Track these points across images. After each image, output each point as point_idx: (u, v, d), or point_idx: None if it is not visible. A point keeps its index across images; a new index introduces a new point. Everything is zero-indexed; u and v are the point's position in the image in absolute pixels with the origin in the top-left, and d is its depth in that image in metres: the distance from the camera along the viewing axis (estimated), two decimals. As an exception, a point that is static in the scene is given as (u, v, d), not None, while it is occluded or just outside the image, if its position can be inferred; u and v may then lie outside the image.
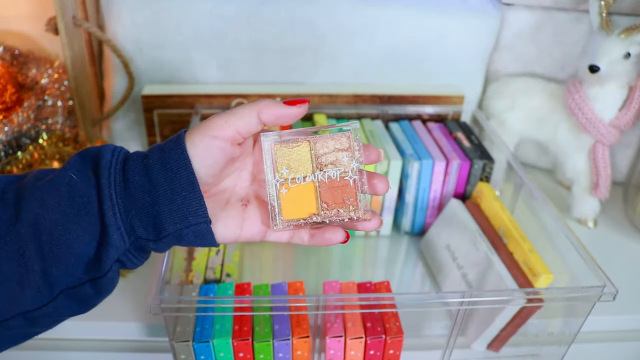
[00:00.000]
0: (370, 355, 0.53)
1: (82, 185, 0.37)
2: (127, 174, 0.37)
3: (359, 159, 0.41)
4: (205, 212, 0.38)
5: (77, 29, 0.74)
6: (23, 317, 0.37)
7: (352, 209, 0.40)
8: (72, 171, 0.37)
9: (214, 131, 0.38)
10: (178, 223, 0.37)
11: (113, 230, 0.36)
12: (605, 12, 0.67)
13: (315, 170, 0.41)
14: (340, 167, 0.41)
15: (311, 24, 0.78)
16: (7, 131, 0.70)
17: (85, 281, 0.37)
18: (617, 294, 0.51)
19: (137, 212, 0.37)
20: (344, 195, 0.41)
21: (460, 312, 0.53)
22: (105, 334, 0.61)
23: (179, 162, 0.37)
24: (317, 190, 0.41)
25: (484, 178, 0.71)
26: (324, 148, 0.41)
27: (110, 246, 0.36)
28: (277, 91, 0.79)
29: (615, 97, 0.72)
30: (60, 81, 0.77)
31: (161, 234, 0.37)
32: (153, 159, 0.38)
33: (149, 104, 0.78)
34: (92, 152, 0.39)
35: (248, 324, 0.52)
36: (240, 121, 0.38)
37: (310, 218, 0.41)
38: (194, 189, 0.37)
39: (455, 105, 0.81)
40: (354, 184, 0.40)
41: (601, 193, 0.76)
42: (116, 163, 0.38)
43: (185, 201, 0.37)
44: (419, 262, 0.71)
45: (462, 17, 0.80)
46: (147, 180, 0.37)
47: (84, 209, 0.36)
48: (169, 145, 0.38)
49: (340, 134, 0.41)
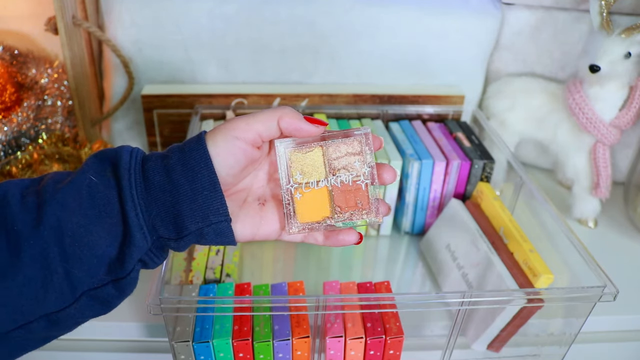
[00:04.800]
0: (370, 355, 0.53)
1: (102, 187, 0.37)
2: (147, 175, 0.38)
3: (370, 163, 0.42)
4: (226, 210, 0.39)
5: (76, 28, 0.74)
6: (46, 319, 0.37)
7: (365, 212, 0.42)
8: (91, 173, 0.38)
9: (236, 132, 0.39)
10: (200, 222, 0.38)
11: (136, 231, 0.37)
12: (605, 11, 0.67)
13: (328, 175, 0.42)
14: (353, 172, 0.42)
15: (311, 24, 0.78)
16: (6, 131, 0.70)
17: (108, 282, 0.38)
18: (617, 294, 0.51)
19: (158, 212, 0.38)
20: (356, 199, 0.42)
21: (461, 312, 0.53)
22: (105, 334, 0.61)
23: (201, 161, 0.38)
24: (331, 194, 0.42)
25: (484, 178, 0.71)
26: (336, 152, 0.42)
27: (134, 246, 0.37)
28: (277, 91, 0.79)
29: (615, 97, 0.72)
30: (60, 81, 0.77)
31: (182, 232, 0.38)
32: (174, 160, 0.38)
33: (149, 103, 0.77)
34: (109, 153, 0.39)
35: (248, 324, 0.52)
36: (261, 125, 0.39)
37: (324, 221, 0.42)
38: (215, 188, 0.38)
39: (455, 105, 0.81)
40: (366, 188, 0.42)
41: (601, 193, 0.76)
42: (135, 164, 0.38)
43: (206, 200, 0.38)
44: (419, 262, 0.71)
45: (462, 17, 0.80)
46: (168, 181, 0.38)
47: (105, 211, 0.37)
48: (189, 145, 0.39)
49: (352, 139, 0.42)
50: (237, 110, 0.77)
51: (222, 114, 0.77)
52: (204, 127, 0.75)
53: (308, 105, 0.79)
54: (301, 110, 0.78)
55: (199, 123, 0.75)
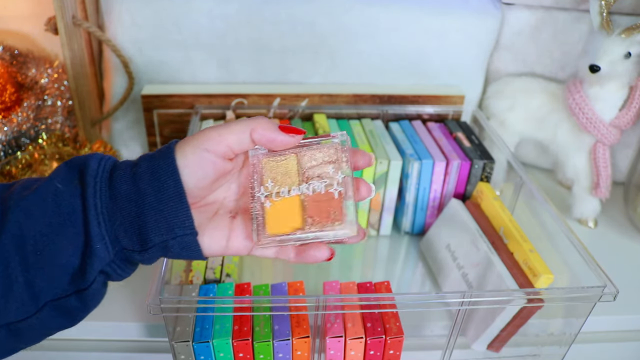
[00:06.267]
0: (370, 355, 0.53)
1: (67, 195, 0.36)
2: (113, 183, 0.37)
3: (345, 170, 0.39)
4: (192, 223, 0.37)
5: (76, 28, 0.74)
6: (6, 330, 0.36)
7: (338, 224, 0.39)
8: (58, 180, 0.37)
9: (206, 144, 0.37)
10: (164, 234, 0.37)
11: (97, 241, 0.36)
12: (605, 11, 0.67)
13: (301, 183, 0.40)
14: (326, 180, 0.39)
15: (311, 24, 0.78)
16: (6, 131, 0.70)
17: (71, 293, 0.37)
18: (617, 294, 0.51)
19: (122, 222, 0.36)
20: (329, 209, 0.39)
21: (461, 312, 0.53)
22: (105, 334, 0.61)
23: (168, 171, 0.37)
24: (303, 204, 0.39)
25: (484, 178, 0.71)
26: (311, 161, 0.40)
27: (95, 257, 0.36)
28: (277, 91, 0.79)
29: (615, 97, 0.72)
30: (60, 81, 0.77)
31: (147, 244, 0.37)
32: (142, 168, 0.37)
33: (149, 104, 0.77)
34: (78, 161, 0.38)
35: (248, 324, 0.52)
36: (233, 137, 0.38)
37: (294, 233, 0.39)
38: (181, 199, 0.37)
39: (455, 105, 0.81)
40: (339, 196, 0.39)
41: (601, 193, 0.76)
42: (102, 172, 0.37)
43: (172, 212, 0.36)
44: (419, 262, 0.71)
45: (462, 17, 0.80)
46: (135, 190, 0.36)
47: (69, 220, 0.36)
48: (158, 154, 0.38)
49: (328, 146, 0.40)
50: (237, 110, 0.77)
51: (222, 114, 0.77)
52: (204, 127, 0.75)
53: (308, 105, 0.79)
54: (301, 110, 0.78)
55: (199, 123, 0.75)
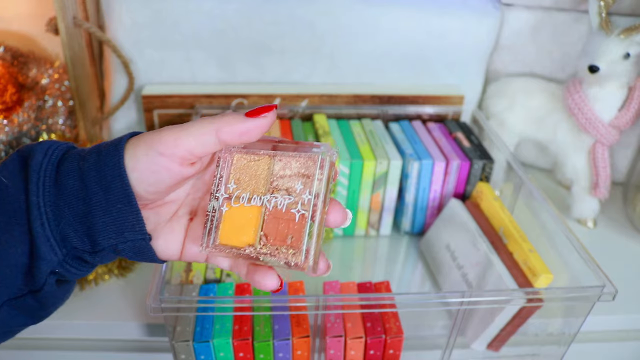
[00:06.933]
0: (370, 355, 0.54)
1: (13, 190, 0.33)
2: (60, 177, 0.33)
3: (316, 189, 0.33)
4: (143, 227, 0.33)
5: (77, 29, 0.74)
6: None
7: (292, 252, 0.33)
8: (5, 173, 0.33)
9: (161, 147, 0.32)
10: (113, 238, 0.33)
11: (41, 242, 0.32)
12: (604, 12, 0.67)
13: (266, 192, 0.34)
14: (291, 197, 0.33)
15: (311, 24, 0.78)
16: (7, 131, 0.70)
17: (26, 293, 0.34)
18: (616, 294, 0.51)
19: (69, 221, 0.33)
20: (287, 233, 0.33)
21: (460, 312, 0.53)
22: (105, 334, 0.62)
23: (114, 172, 0.32)
24: (262, 217, 0.34)
25: (483, 178, 0.71)
26: (285, 169, 0.34)
27: (41, 259, 0.33)
28: (277, 91, 0.79)
29: (614, 97, 0.72)
30: (61, 81, 0.77)
31: (96, 247, 0.33)
32: (89, 163, 0.33)
33: (149, 104, 0.78)
34: (26, 151, 0.34)
35: (248, 324, 0.52)
36: (193, 140, 0.33)
37: (244, 249, 0.34)
38: (129, 202, 0.33)
39: (455, 105, 0.81)
40: (301, 220, 0.33)
41: (601, 193, 0.76)
42: (47, 164, 0.33)
43: (120, 214, 0.33)
44: (419, 262, 0.71)
45: (462, 17, 0.80)
46: (82, 186, 0.33)
47: (14, 217, 0.33)
48: (106, 150, 0.33)
49: (306, 156, 0.34)
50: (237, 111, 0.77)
51: (222, 114, 0.77)
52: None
53: (308, 105, 0.79)
54: (301, 110, 0.78)
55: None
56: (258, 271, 0.35)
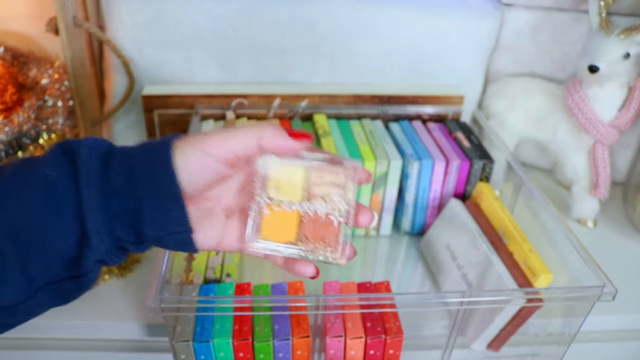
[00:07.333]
0: (370, 355, 0.54)
1: (60, 183, 0.35)
2: (108, 174, 0.36)
3: (349, 201, 0.39)
4: (187, 222, 0.37)
5: (77, 29, 0.74)
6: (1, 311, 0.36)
7: (330, 250, 0.40)
8: (50, 167, 0.36)
9: (209, 147, 0.36)
10: (159, 230, 0.36)
11: (92, 234, 0.35)
12: (604, 12, 0.67)
13: (303, 199, 0.40)
14: (329, 205, 0.39)
15: (311, 24, 0.78)
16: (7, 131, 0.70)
17: (66, 277, 0.37)
18: (616, 294, 0.51)
19: (117, 215, 0.36)
20: (324, 234, 0.40)
21: (460, 312, 0.53)
22: (105, 334, 0.62)
23: (163, 169, 0.36)
24: (301, 220, 0.40)
25: (483, 178, 0.71)
26: (319, 178, 0.39)
27: (89, 248, 0.35)
28: (277, 91, 0.79)
29: (614, 97, 0.72)
30: (61, 81, 0.77)
31: (141, 238, 0.37)
32: (137, 160, 0.36)
33: (149, 104, 0.78)
34: (70, 146, 0.37)
35: (248, 324, 0.52)
36: (238, 143, 0.37)
37: (286, 245, 0.40)
38: (177, 199, 0.36)
39: (455, 105, 0.81)
40: (339, 226, 0.39)
41: (601, 193, 0.76)
42: (95, 160, 0.36)
43: (168, 210, 0.36)
44: (419, 262, 0.71)
45: (462, 17, 0.80)
46: (130, 182, 0.35)
47: (62, 208, 0.35)
48: (154, 148, 0.36)
49: (338, 169, 0.39)
50: (237, 111, 0.77)
51: (222, 114, 0.77)
52: (204, 127, 0.75)
53: (308, 105, 0.79)
54: (301, 110, 0.78)
55: (199, 123, 0.75)
56: (298, 262, 0.40)
